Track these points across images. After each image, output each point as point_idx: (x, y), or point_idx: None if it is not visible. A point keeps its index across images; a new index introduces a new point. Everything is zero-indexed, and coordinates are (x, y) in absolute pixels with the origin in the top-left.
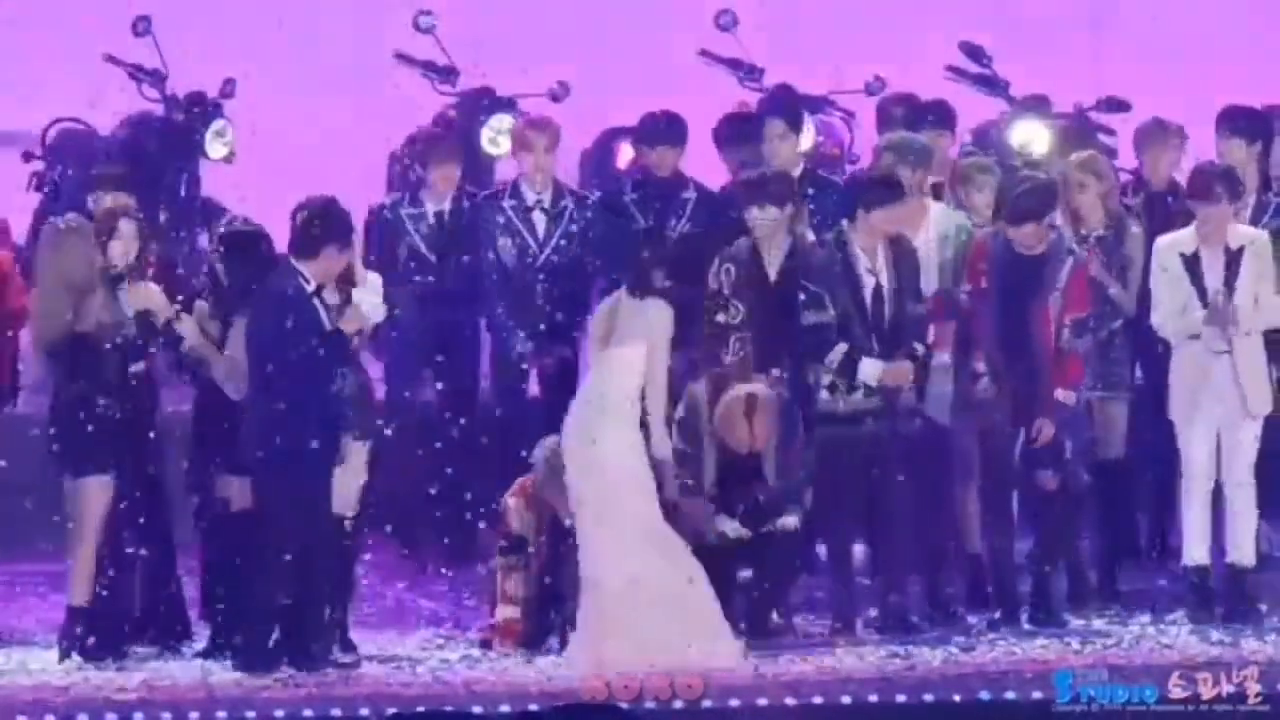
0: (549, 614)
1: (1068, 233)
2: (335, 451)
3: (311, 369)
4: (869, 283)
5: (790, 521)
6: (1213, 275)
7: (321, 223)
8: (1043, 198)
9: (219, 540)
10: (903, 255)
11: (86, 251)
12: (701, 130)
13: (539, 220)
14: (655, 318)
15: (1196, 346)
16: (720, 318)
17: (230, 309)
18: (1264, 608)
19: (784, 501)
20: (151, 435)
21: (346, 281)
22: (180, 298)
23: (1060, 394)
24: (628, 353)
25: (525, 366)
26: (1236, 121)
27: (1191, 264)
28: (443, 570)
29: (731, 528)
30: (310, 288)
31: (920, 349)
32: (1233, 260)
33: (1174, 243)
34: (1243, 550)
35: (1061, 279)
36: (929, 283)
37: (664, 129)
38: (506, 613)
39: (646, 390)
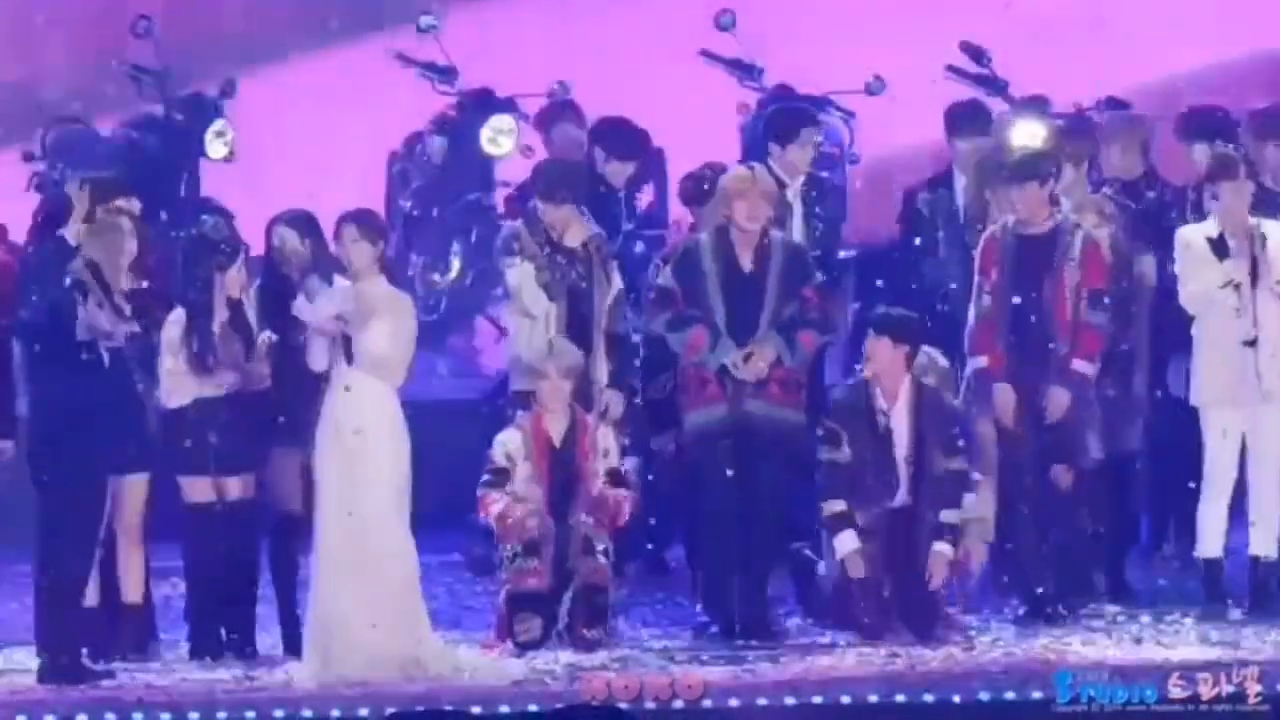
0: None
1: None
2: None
3: None
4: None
5: None
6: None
7: None
8: (1041, 159)
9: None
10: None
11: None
12: (695, 129)
13: None
14: None
15: (1225, 337)
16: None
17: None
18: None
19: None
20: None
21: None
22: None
23: (1078, 364)
24: None
25: None
26: (1194, 124)
27: (1218, 246)
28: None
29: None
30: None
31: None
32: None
33: (1199, 228)
34: (1268, 543)
35: (1074, 252)
36: None
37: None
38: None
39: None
